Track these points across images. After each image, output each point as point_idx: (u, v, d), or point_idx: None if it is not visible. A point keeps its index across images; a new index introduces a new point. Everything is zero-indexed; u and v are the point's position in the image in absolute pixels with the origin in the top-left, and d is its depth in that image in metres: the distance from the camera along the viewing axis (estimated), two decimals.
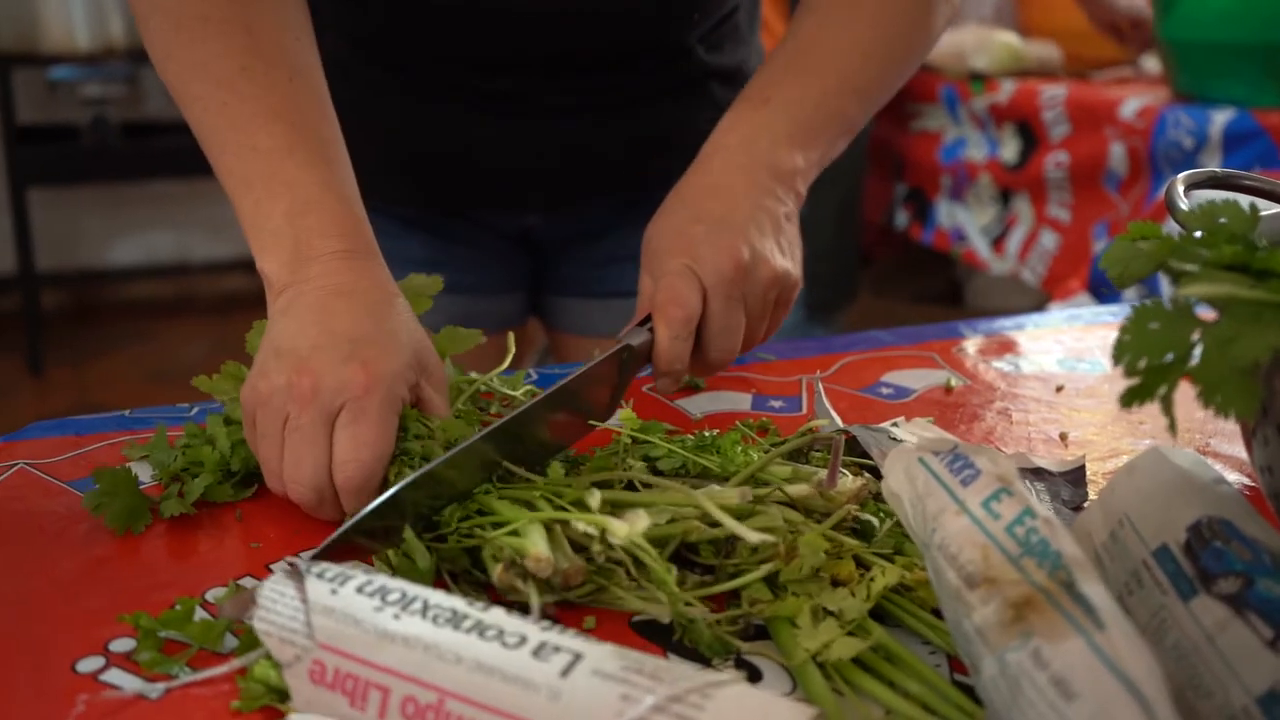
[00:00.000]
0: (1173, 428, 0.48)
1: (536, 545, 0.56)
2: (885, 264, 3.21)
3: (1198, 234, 0.55)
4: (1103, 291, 2.05)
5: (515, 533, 0.58)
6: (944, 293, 3.21)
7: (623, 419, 0.69)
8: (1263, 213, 0.64)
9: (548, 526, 0.59)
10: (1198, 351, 0.48)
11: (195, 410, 0.84)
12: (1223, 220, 0.56)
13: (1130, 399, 0.49)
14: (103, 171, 3.77)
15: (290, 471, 0.65)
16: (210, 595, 0.61)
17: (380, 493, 0.61)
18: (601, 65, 0.96)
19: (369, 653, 0.49)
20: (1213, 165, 1.95)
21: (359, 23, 0.96)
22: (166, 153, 3.69)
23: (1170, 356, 0.48)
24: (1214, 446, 0.82)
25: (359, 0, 0.94)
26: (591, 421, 0.69)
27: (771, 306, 0.81)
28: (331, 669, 0.50)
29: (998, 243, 2.47)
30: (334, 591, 0.51)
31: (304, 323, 0.68)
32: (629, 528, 0.54)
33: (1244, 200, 0.71)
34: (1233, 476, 0.76)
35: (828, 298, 2.69)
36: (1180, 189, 0.67)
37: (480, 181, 1.02)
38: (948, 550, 0.50)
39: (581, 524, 0.56)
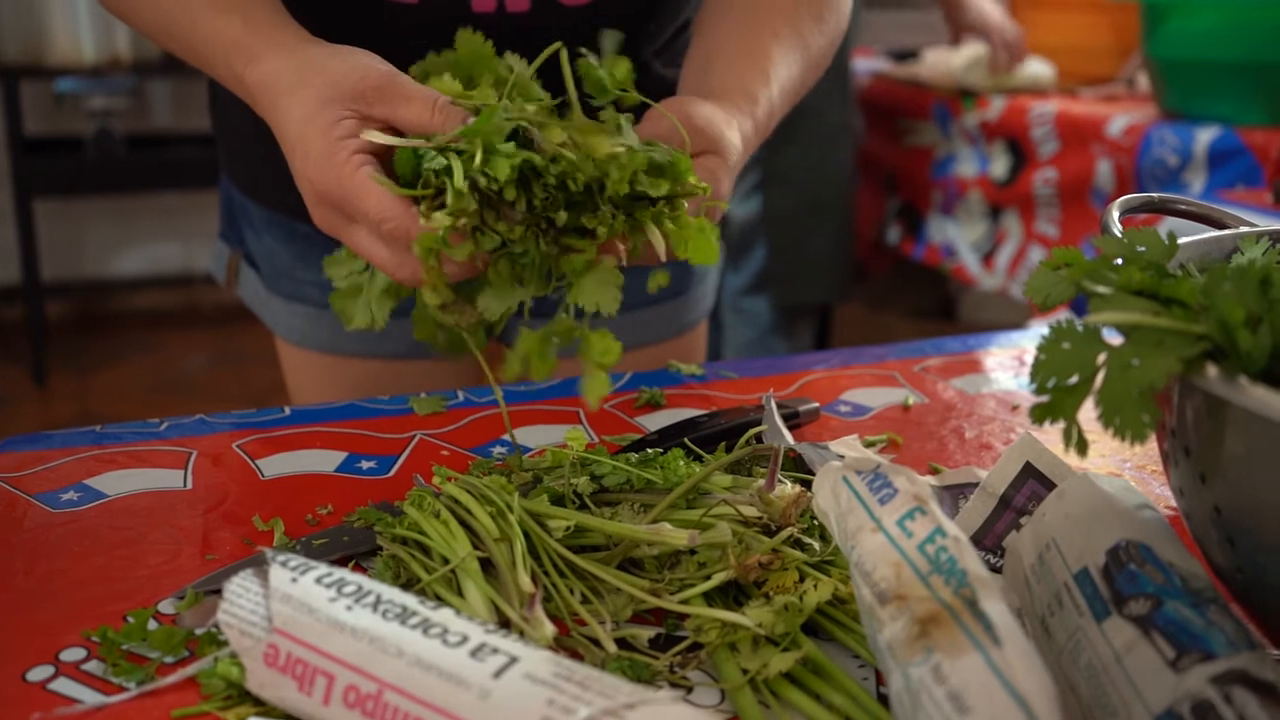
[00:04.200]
0: (1079, 447, 0.49)
1: (476, 608, 0.58)
2: (878, 279, 3.22)
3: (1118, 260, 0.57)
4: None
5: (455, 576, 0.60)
6: (937, 308, 3.22)
7: (568, 439, 0.71)
8: (1192, 237, 0.66)
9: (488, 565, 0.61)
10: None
11: (165, 426, 0.86)
12: (1141, 248, 0.57)
13: (1040, 416, 0.50)
14: (108, 183, 3.79)
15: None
16: (163, 606, 0.63)
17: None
18: (557, 79, 0.97)
19: (319, 640, 0.52)
20: (1197, 183, 1.97)
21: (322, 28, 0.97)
22: (171, 164, 3.73)
23: (1076, 378, 0.49)
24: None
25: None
26: None
27: None
28: (284, 653, 0.52)
29: (987, 258, 2.49)
30: (294, 580, 0.54)
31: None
32: (541, 631, 0.56)
33: (1181, 225, 0.73)
34: None
35: (801, 296, 2.62)
36: (1115, 215, 0.68)
37: None
38: (863, 567, 0.52)
39: (511, 612, 0.58)
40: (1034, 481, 0.70)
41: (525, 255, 0.68)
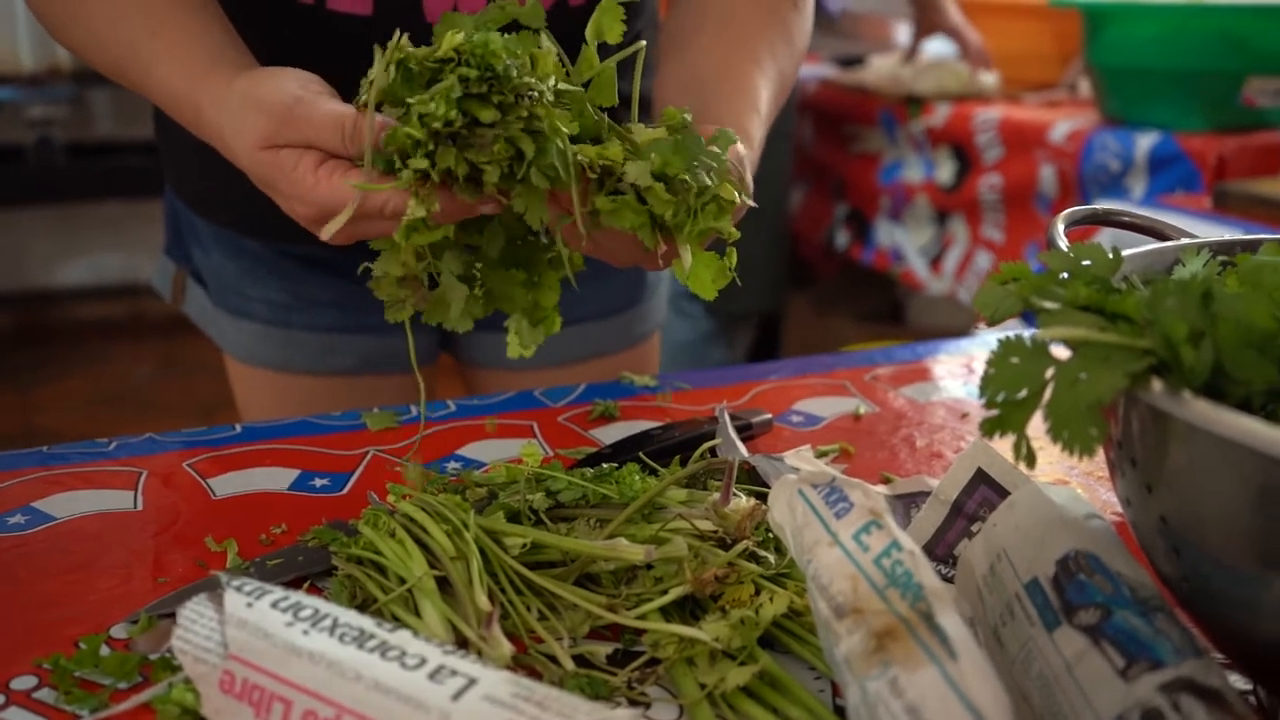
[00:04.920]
0: (1028, 459, 0.50)
1: (433, 628, 0.58)
2: (827, 283, 3.25)
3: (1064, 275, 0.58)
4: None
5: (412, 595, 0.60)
6: (886, 312, 3.25)
7: (524, 454, 0.71)
8: (1135, 250, 0.67)
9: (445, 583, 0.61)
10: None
11: (113, 445, 0.85)
12: (1087, 263, 0.58)
13: (990, 429, 0.51)
14: (49, 192, 3.74)
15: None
16: (115, 631, 0.62)
17: None
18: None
19: (276, 666, 0.51)
20: (1138, 188, 2.00)
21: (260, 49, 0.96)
22: (113, 173, 3.68)
23: (1025, 392, 0.50)
24: None
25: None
26: None
27: None
28: (240, 679, 0.52)
29: (935, 263, 2.51)
30: (249, 605, 0.54)
31: None
32: (499, 650, 0.56)
33: (1124, 237, 0.74)
34: None
35: (732, 304, 2.62)
36: (1060, 228, 0.69)
37: None
38: (820, 581, 0.53)
39: (469, 631, 0.58)
40: (985, 488, 0.71)
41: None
